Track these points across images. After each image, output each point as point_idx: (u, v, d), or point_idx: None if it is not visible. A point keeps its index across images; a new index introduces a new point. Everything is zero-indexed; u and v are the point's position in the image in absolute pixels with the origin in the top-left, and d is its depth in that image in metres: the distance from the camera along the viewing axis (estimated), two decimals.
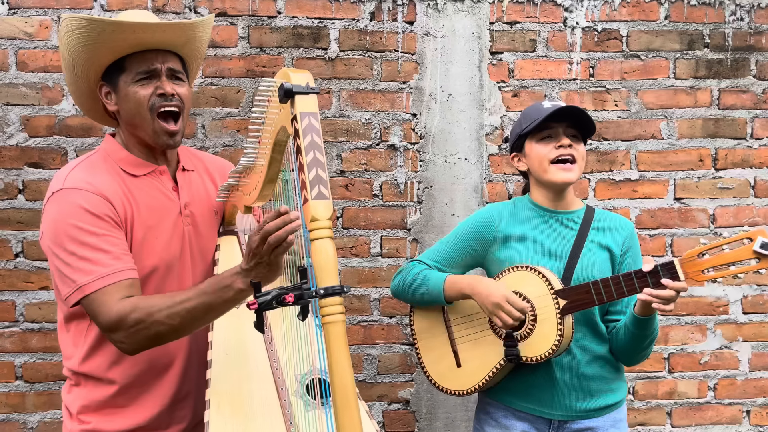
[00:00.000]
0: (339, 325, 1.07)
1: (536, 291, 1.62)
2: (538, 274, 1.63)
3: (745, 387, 2.55)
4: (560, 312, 1.59)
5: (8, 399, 2.32)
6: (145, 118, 1.46)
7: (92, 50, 1.43)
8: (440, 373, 1.75)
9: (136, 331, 1.34)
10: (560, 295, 1.60)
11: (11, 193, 2.30)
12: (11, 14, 2.27)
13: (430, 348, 1.77)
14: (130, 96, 1.45)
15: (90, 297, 1.36)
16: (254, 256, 1.26)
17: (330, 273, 1.08)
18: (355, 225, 2.42)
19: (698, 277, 1.50)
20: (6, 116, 2.29)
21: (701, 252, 1.51)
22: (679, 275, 1.51)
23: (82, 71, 1.48)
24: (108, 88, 1.49)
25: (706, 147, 2.52)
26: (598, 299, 1.59)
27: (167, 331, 1.35)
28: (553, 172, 1.65)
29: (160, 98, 1.45)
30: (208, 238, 1.60)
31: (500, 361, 1.65)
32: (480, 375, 1.68)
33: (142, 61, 1.45)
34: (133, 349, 1.38)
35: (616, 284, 1.57)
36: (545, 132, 1.68)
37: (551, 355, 1.60)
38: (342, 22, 2.39)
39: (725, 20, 2.50)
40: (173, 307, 1.33)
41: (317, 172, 1.10)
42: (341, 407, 1.06)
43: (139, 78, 1.45)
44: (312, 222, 1.10)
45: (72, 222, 1.38)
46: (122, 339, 1.36)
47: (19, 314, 2.31)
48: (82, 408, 1.48)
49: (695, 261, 1.50)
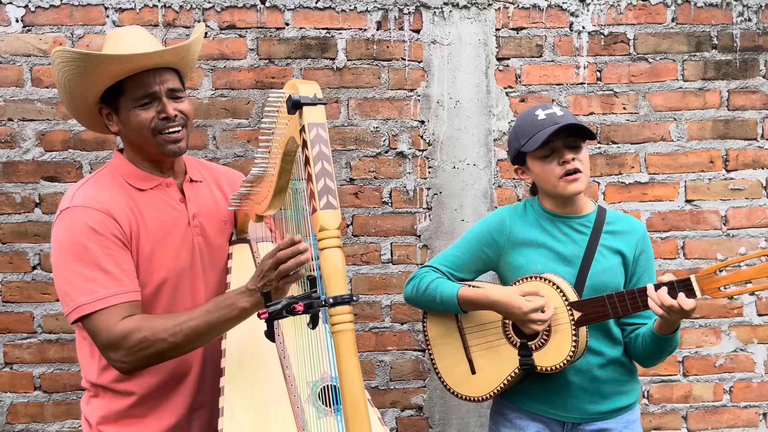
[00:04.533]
0: (348, 333, 1.08)
1: (551, 302, 1.61)
2: (552, 286, 1.62)
3: (761, 389, 2.52)
4: (575, 324, 1.60)
5: (27, 409, 2.36)
6: (148, 138, 1.48)
7: (89, 78, 1.45)
8: (455, 380, 1.75)
9: (138, 350, 1.36)
10: (575, 307, 1.61)
11: (28, 207, 2.34)
12: (26, 31, 2.32)
13: (445, 354, 1.77)
14: (132, 119, 1.47)
15: (89, 317, 1.39)
16: (263, 278, 1.30)
17: (339, 282, 1.09)
18: (365, 232, 2.44)
19: (715, 294, 1.50)
20: (22, 131, 2.34)
21: (719, 268, 1.50)
22: (696, 291, 1.51)
23: (81, 94, 1.50)
24: (108, 109, 1.51)
25: (717, 148, 2.51)
26: (614, 313, 1.59)
27: (169, 349, 1.37)
28: (563, 187, 1.65)
29: (164, 121, 1.47)
30: (218, 247, 1.62)
31: (515, 370, 1.65)
32: (495, 383, 1.69)
33: (140, 84, 1.45)
34: (131, 369, 1.40)
35: (632, 299, 1.57)
36: (545, 149, 1.65)
37: (565, 366, 1.60)
38: (349, 32, 2.41)
39: (733, 21, 2.49)
40: (177, 326, 1.36)
41: (325, 182, 1.12)
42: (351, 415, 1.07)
43: (140, 103, 1.46)
44: (320, 231, 1.11)
45: (77, 240, 1.41)
46: (121, 358, 1.37)
47: (36, 325, 2.35)
48: (102, 419, 1.50)
49: (712, 277, 1.50)
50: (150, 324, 1.37)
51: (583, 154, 1.67)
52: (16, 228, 2.34)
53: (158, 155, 1.51)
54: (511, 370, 1.66)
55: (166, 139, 1.48)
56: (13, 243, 2.34)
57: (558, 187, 1.65)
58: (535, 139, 1.63)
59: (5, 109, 2.33)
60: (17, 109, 2.33)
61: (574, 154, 1.64)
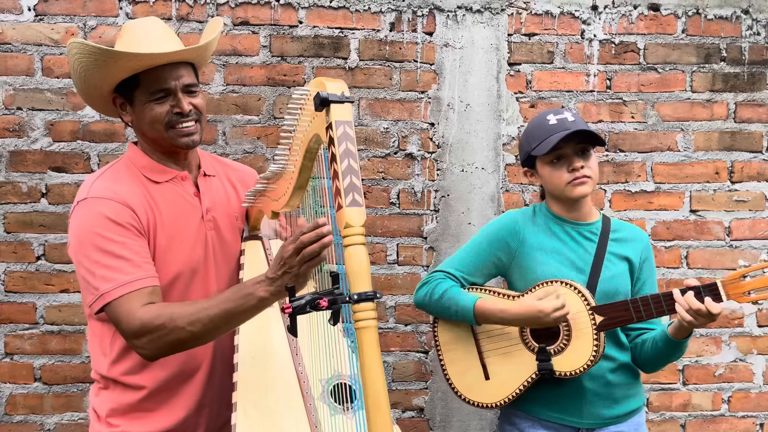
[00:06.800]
0: (372, 330, 1.09)
1: (572, 306, 1.61)
2: (574, 290, 1.63)
3: (759, 400, 2.54)
4: (596, 328, 1.60)
5: (26, 400, 2.34)
6: (161, 132, 1.49)
7: (107, 71, 1.45)
8: (467, 386, 1.74)
9: (157, 337, 1.35)
10: (597, 312, 1.61)
11: (34, 197, 2.33)
12: (38, 21, 2.31)
13: (456, 360, 1.75)
14: (147, 112, 1.48)
15: (112, 304, 1.38)
16: (284, 265, 1.27)
17: (363, 279, 1.10)
18: (371, 233, 2.44)
19: (741, 299, 1.55)
20: (31, 121, 2.32)
21: (743, 274, 1.55)
22: (722, 296, 1.54)
23: (96, 83, 1.50)
24: (122, 100, 1.52)
25: (722, 160, 2.53)
26: (637, 317, 1.60)
27: (188, 338, 1.36)
28: (570, 190, 1.66)
29: (177, 116, 1.48)
30: (231, 242, 1.61)
31: (532, 375, 1.65)
32: (511, 388, 1.68)
33: (156, 79, 1.46)
34: (153, 356, 1.39)
35: (656, 303, 1.59)
36: (555, 154, 1.66)
37: (585, 371, 1.61)
38: (362, 32, 2.42)
39: (742, 34, 2.52)
40: (195, 314, 1.34)
41: (351, 180, 1.12)
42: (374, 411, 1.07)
43: (155, 97, 1.47)
44: (346, 228, 1.11)
45: (95, 231, 1.41)
46: (144, 345, 1.37)
47: (39, 316, 2.34)
48: (111, 411, 1.49)
49: (738, 283, 1.55)
50: (169, 311, 1.36)
51: (592, 161, 1.68)
52: (22, 218, 2.32)
53: (172, 147, 1.52)
54: (528, 376, 1.65)
55: (179, 132, 1.49)
56: (18, 233, 2.32)
57: (565, 191, 1.67)
58: (545, 144, 1.64)
59: (14, 98, 2.31)
60: (27, 98, 2.32)
61: (583, 160, 1.65)
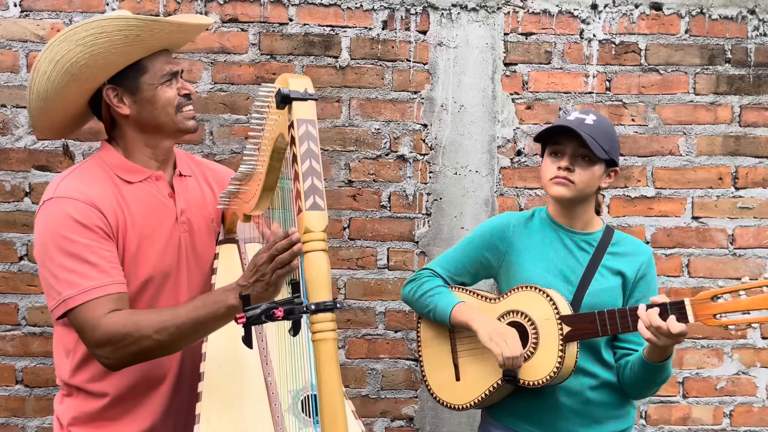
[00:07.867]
0: (330, 342, 1.03)
1: (542, 314, 1.57)
2: (546, 297, 1.58)
3: (762, 414, 2.45)
4: (563, 339, 1.54)
5: (8, 403, 2.30)
6: (171, 116, 1.46)
7: (129, 50, 1.40)
8: (439, 384, 1.72)
9: (122, 347, 1.30)
10: (565, 321, 1.55)
11: (18, 196, 2.29)
12: (23, 16, 2.27)
13: (433, 357, 1.74)
14: (159, 96, 1.44)
15: (75, 311, 1.33)
16: (256, 272, 1.23)
17: (322, 288, 1.04)
18: (362, 236, 2.38)
19: (709, 321, 1.42)
20: (15, 118, 2.29)
21: (716, 294, 1.42)
22: (688, 316, 1.43)
23: (88, 76, 1.41)
24: (119, 90, 1.44)
25: (726, 165, 2.44)
26: (602, 331, 1.53)
27: (154, 347, 1.31)
28: (548, 186, 1.64)
29: (185, 98, 1.48)
30: (205, 245, 1.56)
31: (498, 381, 1.61)
32: (477, 392, 1.65)
33: (166, 62, 1.46)
34: (116, 365, 1.35)
35: (622, 317, 1.51)
36: (554, 147, 1.63)
37: (548, 382, 1.54)
38: (354, 30, 2.36)
39: (748, 35, 2.43)
40: (163, 322, 1.30)
41: (313, 182, 1.07)
42: (329, 428, 1.01)
43: (164, 80, 1.45)
44: (305, 233, 1.06)
45: (60, 232, 1.36)
46: (107, 354, 1.32)
47: (21, 317, 2.30)
48: (73, 420, 1.44)
49: (708, 304, 1.42)
50: (135, 319, 1.31)
51: (587, 171, 1.60)
52: (5, 217, 2.28)
53: (177, 132, 1.49)
54: (494, 381, 1.61)
55: (186, 115, 1.49)
56: (0, 232, 2.29)
57: (546, 186, 1.66)
58: (542, 132, 1.64)
59: None
60: (11, 96, 2.28)
61: (576, 165, 1.59)
